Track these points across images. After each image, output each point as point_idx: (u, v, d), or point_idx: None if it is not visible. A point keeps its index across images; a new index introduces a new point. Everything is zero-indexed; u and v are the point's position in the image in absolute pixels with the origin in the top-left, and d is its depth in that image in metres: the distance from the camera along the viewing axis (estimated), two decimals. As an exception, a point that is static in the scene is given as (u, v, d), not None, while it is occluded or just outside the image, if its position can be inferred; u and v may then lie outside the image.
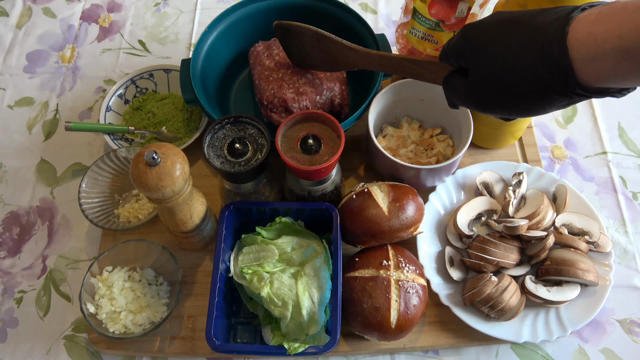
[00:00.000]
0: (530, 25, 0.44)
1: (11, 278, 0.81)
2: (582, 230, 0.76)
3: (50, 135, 0.94)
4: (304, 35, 0.68)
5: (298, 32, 0.68)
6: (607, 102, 0.95)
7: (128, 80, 0.91)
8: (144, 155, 0.58)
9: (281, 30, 0.71)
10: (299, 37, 0.69)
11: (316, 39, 0.67)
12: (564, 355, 0.73)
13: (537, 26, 0.44)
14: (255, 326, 0.72)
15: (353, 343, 0.72)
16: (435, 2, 0.73)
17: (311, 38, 0.67)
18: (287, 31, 0.70)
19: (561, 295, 0.70)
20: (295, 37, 0.69)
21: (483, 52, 0.47)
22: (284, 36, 0.71)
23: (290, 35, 0.70)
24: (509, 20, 0.46)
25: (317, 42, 0.67)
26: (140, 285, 0.73)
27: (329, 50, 0.67)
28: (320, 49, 0.68)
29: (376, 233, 0.69)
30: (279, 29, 0.71)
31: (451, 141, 0.83)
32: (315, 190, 0.73)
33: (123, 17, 1.08)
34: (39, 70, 1.01)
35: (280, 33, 0.71)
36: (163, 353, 0.73)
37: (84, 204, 0.78)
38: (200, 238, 0.75)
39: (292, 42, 0.71)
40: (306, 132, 0.68)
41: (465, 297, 0.71)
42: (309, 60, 0.72)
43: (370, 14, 1.07)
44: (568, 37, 0.41)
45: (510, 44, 0.45)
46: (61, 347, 0.75)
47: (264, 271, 0.68)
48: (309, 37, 0.67)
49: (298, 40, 0.70)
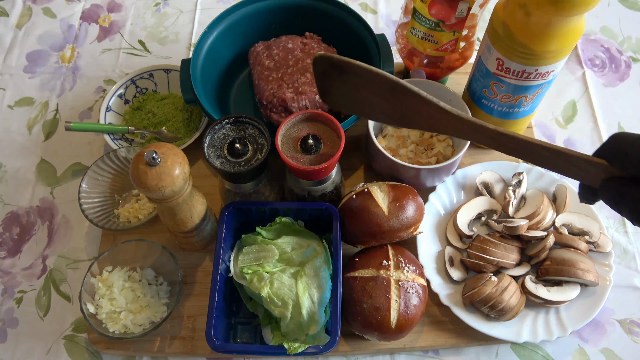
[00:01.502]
0: None
1: (11, 278, 0.81)
2: (582, 230, 0.76)
3: (50, 135, 0.94)
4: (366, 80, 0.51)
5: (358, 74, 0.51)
6: (607, 103, 0.95)
7: (128, 80, 0.91)
8: (144, 155, 0.58)
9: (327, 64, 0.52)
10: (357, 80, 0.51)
11: (391, 91, 0.50)
12: (564, 355, 0.73)
13: None
14: (255, 326, 0.72)
15: (353, 343, 0.72)
16: (435, 2, 0.73)
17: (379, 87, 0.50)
18: (337, 68, 0.51)
19: (561, 295, 0.70)
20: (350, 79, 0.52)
21: None
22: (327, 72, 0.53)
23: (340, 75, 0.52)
24: None
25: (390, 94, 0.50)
26: (140, 285, 0.73)
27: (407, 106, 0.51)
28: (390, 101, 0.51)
29: (376, 233, 0.69)
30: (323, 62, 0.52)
31: (451, 141, 0.83)
32: (315, 190, 0.73)
33: (123, 17, 1.08)
34: (39, 70, 1.01)
35: (322, 67, 0.52)
36: (163, 353, 0.73)
37: (84, 204, 0.78)
38: (200, 238, 0.75)
39: (339, 82, 0.53)
40: (306, 132, 0.68)
41: (465, 297, 0.71)
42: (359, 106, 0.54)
43: (370, 14, 1.07)
44: None
45: None
46: (61, 347, 0.75)
47: (264, 271, 0.68)
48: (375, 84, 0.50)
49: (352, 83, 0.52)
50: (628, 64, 1.00)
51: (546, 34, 0.63)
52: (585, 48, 1.02)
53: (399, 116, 0.53)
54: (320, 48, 0.85)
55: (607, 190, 0.43)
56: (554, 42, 0.63)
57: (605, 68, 1.00)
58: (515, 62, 0.67)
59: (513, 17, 0.64)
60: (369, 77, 0.50)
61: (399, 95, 0.50)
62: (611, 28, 1.05)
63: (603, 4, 1.08)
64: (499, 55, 0.68)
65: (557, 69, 0.68)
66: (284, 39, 0.86)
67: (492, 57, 0.70)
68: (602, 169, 0.43)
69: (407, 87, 0.49)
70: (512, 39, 0.65)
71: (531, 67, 0.67)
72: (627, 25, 1.05)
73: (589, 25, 1.05)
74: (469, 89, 0.81)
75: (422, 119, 0.51)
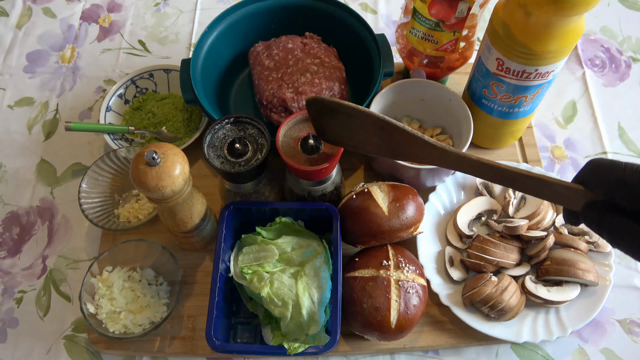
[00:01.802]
0: None
1: (11, 278, 0.81)
2: (582, 230, 0.76)
3: (50, 135, 0.94)
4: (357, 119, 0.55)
5: (349, 114, 0.55)
6: (607, 103, 0.95)
7: (128, 80, 0.91)
8: (144, 155, 0.58)
9: (320, 107, 0.56)
10: (349, 119, 0.56)
11: (379, 128, 0.54)
12: (564, 355, 0.73)
13: None
14: (255, 326, 0.72)
15: (353, 343, 0.72)
16: (435, 2, 0.73)
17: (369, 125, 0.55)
18: (329, 110, 0.56)
19: (561, 295, 0.70)
20: (343, 119, 0.56)
21: None
22: (321, 113, 0.57)
23: (333, 115, 0.57)
24: None
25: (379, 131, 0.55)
26: (140, 285, 0.73)
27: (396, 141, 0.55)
28: (380, 137, 0.55)
29: (376, 233, 0.69)
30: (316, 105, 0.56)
31: (451, 141, 0.83)
32: (315, 190, 0.73)
33: (123, 17, 1.08)
34: (39, 70, 1.01)
35: (316, 109, 0.57)
36: (163, 353, 0.73)
37: (84, 204, 0.78)
38: (200, 238, 0.75)
39: (333, 122, 0.57)
40: (306, 132, 0.68)
41: (465, 297, 0.71)
42: (353, 143, 0.59)
43: (370, 14, 1.07)
44: None
45: None
46: (61, 347, 0.75)
47: (264, 271, 0.68)
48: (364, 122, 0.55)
49: (344, 122, 0.56)
50: (628, 64, 1.00)
51: (546, 34, 0.63)
52: (585, 48, 1.02)
53: (390, 150, 0.57)
54: (320, 48, 0.85)
55: (587, 215, 0.45)
56: (554, 42, 0.63)
57: (605, 68, 1.00)
58: (515, 62, 0.67)
59: (513, 17, 0.64)
60: (359, 117, 0.54)
61: (387, 131, 0.54)
62: (611, 28, 1.05)
63: (603, 4, 1.08)
64: (499, 55, 0.68)
65: (557, 69, 0.68)
66: (284, 39, 0.86)
67: (492, 57, 0.70)
68: (582, 194, 0.45)
69: (394, 124, 0.53)
70: (512, 39, 0.65)
71: (531, 67, 0.67)
72: (627, 25, 1.05)
73: (589, 25, 1.05)
74: (469, 89, 0.81)
75: (410, 152, 0.55)
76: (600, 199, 0.44)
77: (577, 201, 0.45)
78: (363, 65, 0.85)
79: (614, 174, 0.42)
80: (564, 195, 0.46)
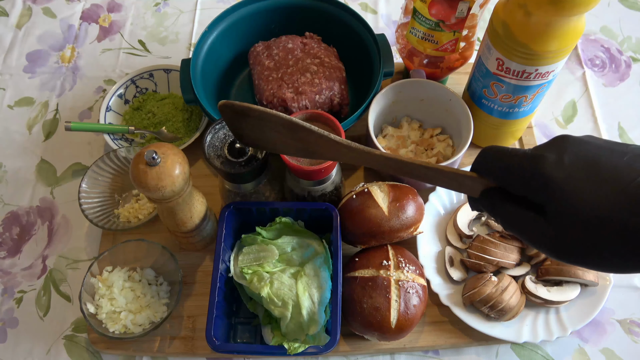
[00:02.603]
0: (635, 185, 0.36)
1: (11, 278, 0.81)
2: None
3: (50, 135, 0.94)
4: (267, 121, 0.55)
5: (260, 117, 0.55)
6: (607, 103, 0.95)
7: (128, 80, 0.91)
8: (144, 155, 0.58)
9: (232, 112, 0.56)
10: (261, 122, 0.56)
11: (289, 129, 0.55)
12: (564, 355, 0.73)
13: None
14: (255, 326, 0.72)
15: (353, 343, 0.72)
16: (435, 2, 0.73)
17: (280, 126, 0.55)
18: (241, 114, 0.56)
19: (561, 295, 0.70)
20: (255, 122, 0.56)
21: (573, 200, 0.38)
22: (234, 118, 0.57)
23: (245, 119, 0.56)
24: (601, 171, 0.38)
25: (289, 132, 0.55)
26: (140, 285, 0.73)
27: (306, 141, 0.55)
28: (293, 138, 0.56)
29: (376, 233, 0.69)
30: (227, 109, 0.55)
31: (451, 141, 0.83)
32: (315, 190, 0.73)
33: (123, 17, 1.08)
34: (39, 70, 1.01)
35: (228, 114, 0.56)
36: (163, 353, 0.73)
37: (84, 204, 0.78)
38: (200, 238, 0.75)
39: (247, 125, 0.57)
40: (306, 132, 0.68)
41: (465, 297, 0.71)
42: (270, 144, 0.59)
43: (370, 14, 1.07)
44: None
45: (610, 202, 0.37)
46: (61, 347, 0.75)
47: (264, 271, 0.68)
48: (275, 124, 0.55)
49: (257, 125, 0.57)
50: (628, 64, 1.00)
51: (546, 34, 0.63)
52: (585, 48, 1.02)
53: (304, 150, 0.57)
54: (320, 48, 0.85)
55: (483, 201, 0.46)
56: (554, 42, 0.63)
57: (605, 68, 1.00)
58: (515, 62, 0.67)
59: (513, 17, 0.64)
60: (270, 119, 0.55)
61: (297, 132, 0.55)
62: (611, 28, 1.05)
63: (603, 4, 1.08)
64: (499, 55, 0.68)
65: (557, 69, 0.68)
66: (284, 39, 0.86)
67: (492, 57, 0.70)
68: (478, 181, 0.46)
69: (302, 125, 0.53)
70: (512, 39, 0.65)
71: (531, 67, 0.67)
72: (627, 25, 1.05)
73: (589, 25, 1.05)
74: (469, 89, 0.81)
75: (323, 151, 0.55)
76: (495, 185, 0.45)
77: (476, 188, 0.46)
78: (363, 65, 0.85)
79: (502, 161, 0.43)
80: (463, 184, 0.47)
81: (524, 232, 0.43)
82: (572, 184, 0.38)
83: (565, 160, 0.39)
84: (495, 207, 0.45)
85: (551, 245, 0.41)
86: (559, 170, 0.39)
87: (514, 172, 0.42)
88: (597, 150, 0.39)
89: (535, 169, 0.40)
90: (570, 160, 0.39)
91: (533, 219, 0.41)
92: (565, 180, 0.38)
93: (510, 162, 0.42)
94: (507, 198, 0.43)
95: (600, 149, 0.39)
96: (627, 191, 0.36)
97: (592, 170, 0.38)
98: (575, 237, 0.39)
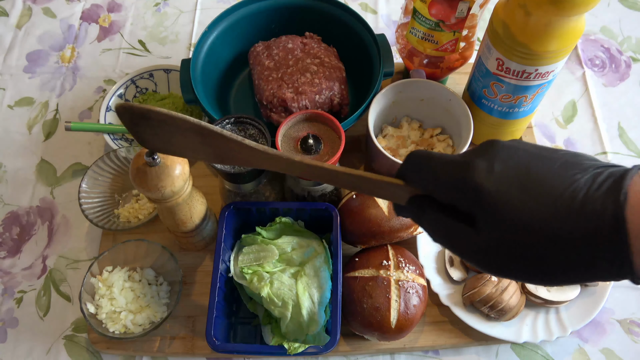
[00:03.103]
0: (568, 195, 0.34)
1: (11, 278, 0.81)
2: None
3: (50, 135, 0.94)
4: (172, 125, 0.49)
5: (164, 121, 0.49)
6: (607, 102, 0.95)
7: (128, 80, 0.91)
8: (144, 155, 0.58)
9: (131, 115, 0.49)
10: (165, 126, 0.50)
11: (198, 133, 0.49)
12: (564, 355, 0.73)
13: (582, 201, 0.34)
14: (255, 326, 0.72)
15: (353, 343, 0.72)
16: (435, 2, 0.73)
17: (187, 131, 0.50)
18: (142, 118, 0.49)
19: (561, 295, 0.70)
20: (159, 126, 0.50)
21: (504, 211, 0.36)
22: (135, 122, 0.50)
23: (148, 123, 0.50)
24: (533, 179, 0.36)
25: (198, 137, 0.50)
26: (140, 285, 0.73)
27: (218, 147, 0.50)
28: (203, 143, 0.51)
29: (376, 233, 0.69)
30: (127, 113, 0.48)
31: (451, 141, 0.83)
32: (315, 190, 0.73)
33: (123, 17, 1.08)
34: (39, 70, 1.01)
35: (128, 117, 0.49)
36: (163, 353, 0.73)
37: (84, 204, 0.78)
38: (200, 238, 0.75)
39: (150, 130, 0.51)
40: (306, 132, 0.68)
41: (465, 297, 0.71)
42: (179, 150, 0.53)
43: (370, 14, 1.07)
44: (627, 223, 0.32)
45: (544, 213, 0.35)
46: (61, 347, 0.75)
47: (264, 271, 0.68)
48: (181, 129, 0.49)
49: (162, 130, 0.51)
50: (628, 64, 1.00)
51: (546, 34, 0.63)
52: (585, 48, 1.02)
53: (215, 155, 0.53)
54: (320, 48, 0.85)
55: (409, 209, 0.44)
56: (554, 42, 0.63)
57: (605, 68, 1.00)
58: (515, 62, 0.67)
59: (513, 17, 0.64)
60: (175, 123, 0.49)
61: (207, 137, 0.50)
62: (611, 28, 1.05)
63: (603, 4, 1.08)
64: (499, 55, 0.68)
65: (557, 69, 0.68)
66: (284, 39, 0.86)
67: (492, 57, 0.70)
68: (405, 189, 0.43)
69: (212, 130, 0.48)
70: (512, 39, 0.65)
71: (531, 67, 0.67)
72: (627, 25, 1.05)
73: (589, 25, 1.05)
74: (469, 89, 0.81)
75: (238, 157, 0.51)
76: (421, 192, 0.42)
77: (403, 196, 0.44)
78: (363, 65, 0.85)
79: (430, 168, 0.40)
80: (389, 191, 0.44)
81: (451, 242, 0.41)
82: (504, 194, 0.36)
83: (495, 168, 0.37)
84: (421, 216, 0.42)
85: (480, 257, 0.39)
86: (489, 180, 0.36)
87: (442, 179, 0.39)
88: (527, 157, 0.37)
89: (464, 177, 0.37)
90: (500, 169, 0.37)
91: (462, 230, 0.39)
92: (497, 191, 0.36)
93: (438, 169, 0.39)
94: (434, 207, 0.41)
95: (531, 156, 0.37)
96: (560, 201, 0.34)
97: (523, 179, 0.36)
98: (506, 249, 0.36)
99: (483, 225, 0.37)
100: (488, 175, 0.37)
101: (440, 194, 0.40)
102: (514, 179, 0.36)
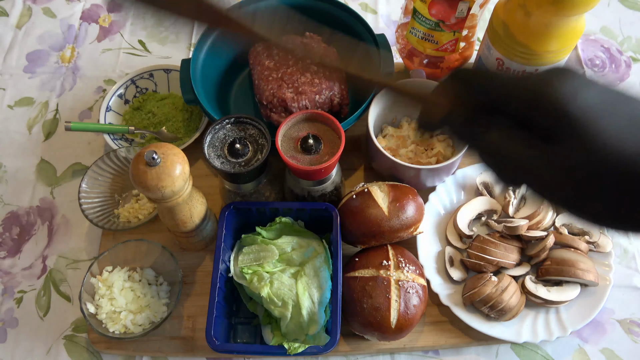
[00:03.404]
0: None
1: (11, 278, 0.81)
2: (582, 231, 0.76)
3: (50, 135, 0.94)
4: None
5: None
6: (607, 102, 0.95)
7: (128, 80, 0.91)
8: (143, 155, 0.58)
9: None
10: None
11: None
12: (564, 355, 0.73)
13: None
14: (255, 326, 0.72)
15: (353, 343, 0.72)
16: (435, 2, 0.73)
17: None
18: None
19: (561, 295, 0.70)
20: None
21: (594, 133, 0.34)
22: None
23: None
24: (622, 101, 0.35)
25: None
26: (140, 285, 0.73)
27: None
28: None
29: (376, 233, 0.69)
30: None
31: (451, 141, 0.83)
32: (315, 190, 0.73)
33: (123, 17, 1.08)
34: (39, 70, 1.01)
35: None
36: (163, 353, 0.73)
37: (84, 204, 0.78)
38: (200, 238, 0.75)
39: None
40: (306, 132, 0.68)
41: (465, 297, 0.71)
42: None
43: (370, 14, 1.07)
44: None
45: None
46: (61, 347, 0.75)
47: (264, 271, 0.68)
48: None
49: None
50: (628, 64, 1.00)
51: (546, 34, 0.63)
52: (585, 48, 1.02)
53: None
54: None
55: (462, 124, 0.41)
56: (554, 42, 0.63)
57: (605, 68, 1.00)
58: (515, 62, 0.67)
59: (513, 17, 0.64)
60: None
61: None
62: (611, 28, 1.05)
63: (603, 4, 1.08)
64: (499, 55, 0.68)
65: (557, 69, 0.68)
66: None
67: (492, 57, 0.70)
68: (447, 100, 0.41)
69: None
70: (512, 39, 0.65)
71: (531, 67, 0.67)
72: (627, 25, 1.05)
73: (589, 25, 1.05)
74: (469, 89, 0.81)
75: None
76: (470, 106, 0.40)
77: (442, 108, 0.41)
78: (363, 65, 0.85)
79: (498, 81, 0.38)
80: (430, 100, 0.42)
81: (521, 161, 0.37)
82: (596, 115, 0.34)
83: (580, 89, 0.35)
84: (485, 132, 0.38)
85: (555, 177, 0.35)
86: (576, 98, 0.34)
87: (516, 94, 0.36)
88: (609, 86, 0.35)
89: (546, 92, 0.35)
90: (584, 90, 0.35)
91: (537, 146, 0.36)
92: (587, 108, 0.34)
93: (510, 83, 0.37)
94: (505, 121, 0.38)
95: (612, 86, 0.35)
96: None
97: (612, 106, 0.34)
98: (588, 173, 0.34)
99: (567, 144, 0.35)
100: (575, 93, 0.35)
101: (511, 109, 0.37)
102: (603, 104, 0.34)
